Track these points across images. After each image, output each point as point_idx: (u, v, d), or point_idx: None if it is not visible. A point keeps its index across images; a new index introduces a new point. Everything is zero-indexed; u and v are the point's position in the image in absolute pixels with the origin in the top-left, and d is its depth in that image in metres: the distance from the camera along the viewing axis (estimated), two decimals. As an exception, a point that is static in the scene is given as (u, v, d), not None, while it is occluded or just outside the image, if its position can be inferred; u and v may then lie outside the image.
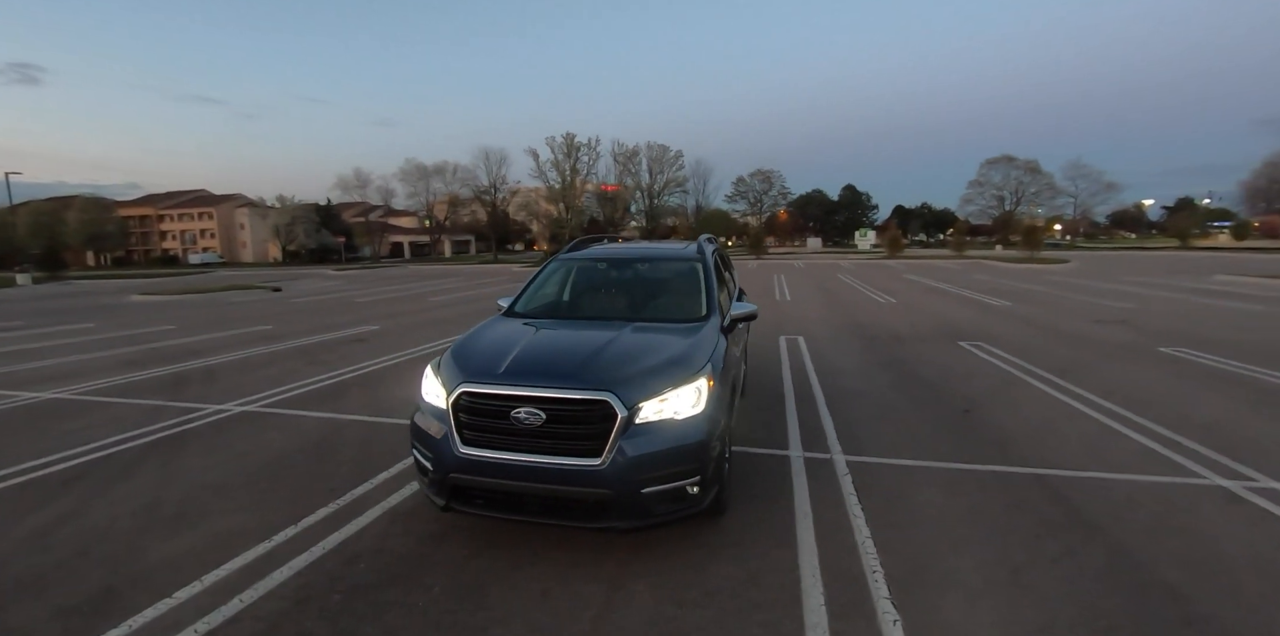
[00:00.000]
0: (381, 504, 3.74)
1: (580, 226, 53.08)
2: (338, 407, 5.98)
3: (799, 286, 20.32)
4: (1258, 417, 5.37)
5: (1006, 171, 65.78)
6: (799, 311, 13.74)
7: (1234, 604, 2.67)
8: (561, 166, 53.08)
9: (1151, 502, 3.70)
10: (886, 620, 2.58)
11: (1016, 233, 64.37)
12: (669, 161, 59.06)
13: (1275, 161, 52.19)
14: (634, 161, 58.38)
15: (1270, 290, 17.17)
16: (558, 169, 53.13)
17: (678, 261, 4.73)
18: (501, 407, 2.92)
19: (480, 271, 36.44)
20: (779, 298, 16.89)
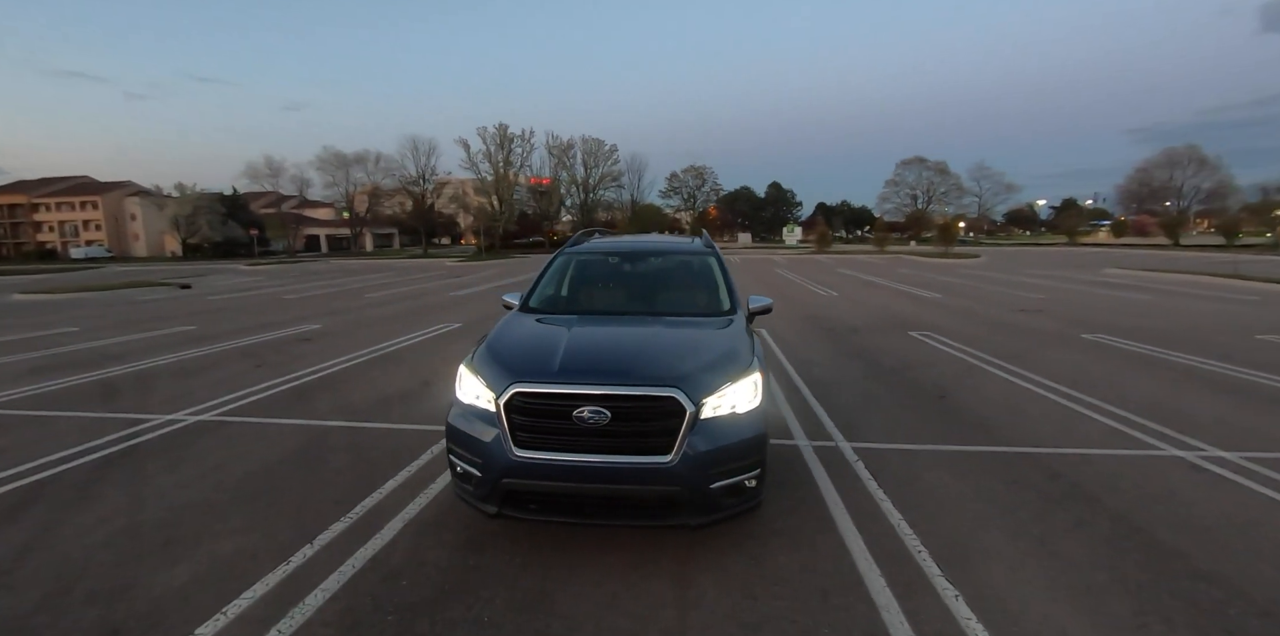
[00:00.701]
0: (401, 514, 3.50)
1: (513, 220, 51.88)
2: (309, 413, 5.54)
3: (743, 281, 20.85)
4: (1183, 394, 6.05)
5: (919, 172, 70.52)
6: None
7: (1228, 560, 3.00)
8: (494, 158, 51.56)
9: (1130, 474, 4.09)
10: (948, 596, 2.71)
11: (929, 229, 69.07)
12: (604, 155, 58.79)
13: (1145, 167, 58.93)
14: (568, 155, 57.65)
15: (1154, 281, 19.38)
16: (490, 160, 51.58)
17: (690, 255, 4.72)
18: (562, 407, 2.80)
19: (412, 266, 34.84)
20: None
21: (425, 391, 6.28)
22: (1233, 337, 9.17)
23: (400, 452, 4.49)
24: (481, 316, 12.15)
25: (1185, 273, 21.30)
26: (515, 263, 36.36)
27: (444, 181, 53.99)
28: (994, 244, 64.05)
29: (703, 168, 79.27)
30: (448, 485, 3.89)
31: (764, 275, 23.62)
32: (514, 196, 54.12)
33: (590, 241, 5.04)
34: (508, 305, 4.44)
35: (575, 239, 5.15)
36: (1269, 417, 5.29)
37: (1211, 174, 54.84)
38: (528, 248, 54.85)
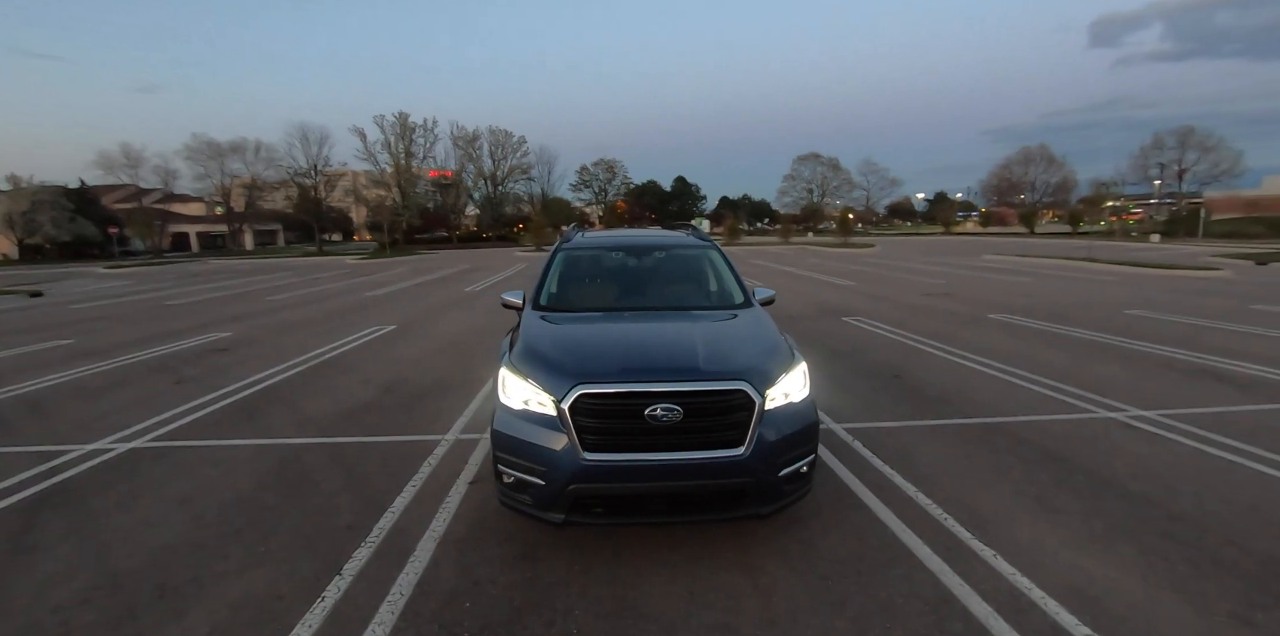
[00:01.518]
0: (428, 533, 3.27)
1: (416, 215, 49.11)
2: (267, 431, 4.99)
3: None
4: (1090, 364, 6.95)
5: (814, 167, 74.83)
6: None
7: (1187, 501, 3.52)
8: (394, 149, 48.27)
9: (1080, 435, 4.65)
10: (986, 555, 2.97)
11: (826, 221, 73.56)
12: (512, 147, 56.88)
13: (1006, 164, 66.36)
14: (475, 146, 55.22)
15: (1028, 266, 21.93)
16: (390, 151, 48.25)
17: (693, 248, 4.74)
18: (633, 407, 2.73)
19: (308, 265, 32.07)
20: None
21: (390, 400, 5.86)
22: (1108, 313, 10.62)
23: (395, 467, 4.18)
24: (415, 317, 11.47)
25: (1050, 257, 24.32)
26: (423, 260, 34.51)
27: (337, 173, 49.68)
28: (880, 234, 69.47)
29: (613, 161, 79.22)
30: (465, 498, 3.69)
31: (687, 267, 24.12)
32: (417, 189, 51.12)
33: (585, 237, 4.91)
34: (510, 304, 4.24)
35: (567, 235, 4.99)
36: (1164, 380, 6.21)
37: (1058, 170, 62.95)
38: (433, 243, 52.22)
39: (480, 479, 3.96)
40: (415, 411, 5.48)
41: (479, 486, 3.86)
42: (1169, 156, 51.27)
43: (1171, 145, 50.96)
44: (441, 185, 55.28)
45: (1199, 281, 16.25)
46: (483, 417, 5.23)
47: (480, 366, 7.14)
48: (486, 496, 3.70)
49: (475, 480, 3.95)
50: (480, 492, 3.76)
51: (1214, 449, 4.30)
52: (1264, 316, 9.98)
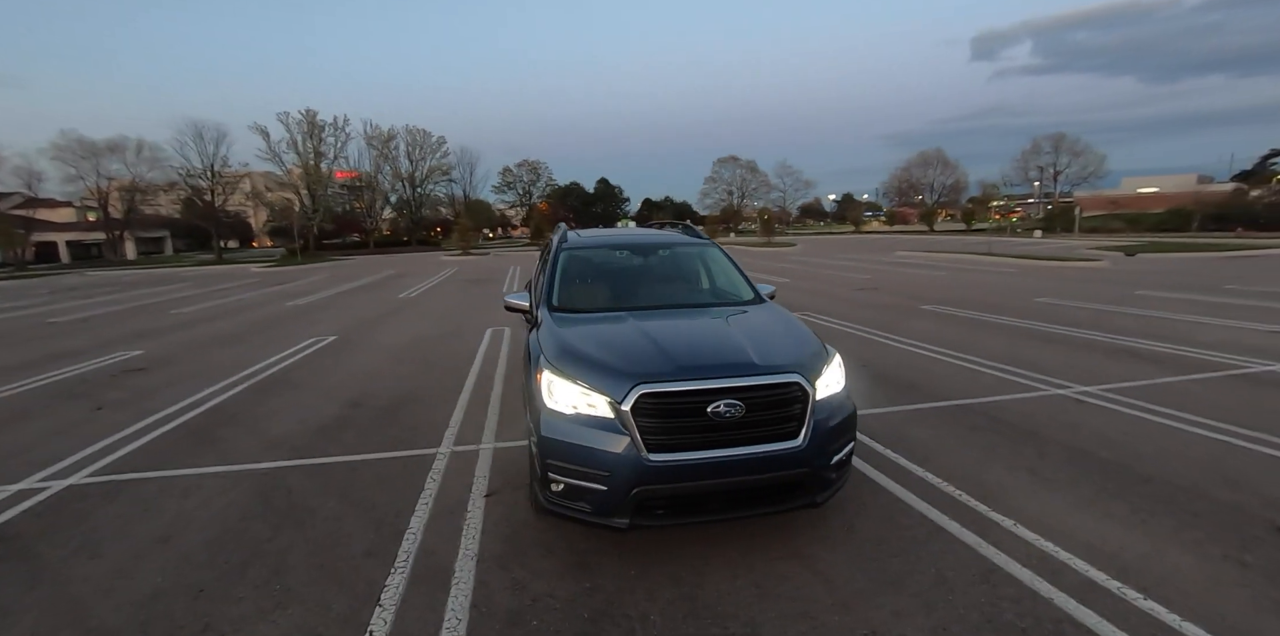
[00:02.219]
0: (462, 552, 3.09)
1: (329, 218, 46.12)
2: (231, 457, 4.52)
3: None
4: (1025, 347, 7.62)
5: (733, 169, 77.28)
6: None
7: (1151, 463, 3.95)
8: (302, 148, 44.93)
9: (1042, 411, 5.10)
10: (1008, 524, 3.20)
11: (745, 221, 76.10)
12: (431, 147, 54.56)
13: (906, 167, 71.70)
14: (390, 146, 52.50)
15: (939, 261, 23.70)
16: (297, 151, 44.87)
17: (694, 246, 4.78)
18: (696, 404, 2.72)
19: (208, 275, 29.24)
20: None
21: (362, 415, 5.47)
22: (1023, 301, 11.69)
23: (396, 487, 3.91)
24: (355, 327, 10.77)
25: (954, 252, 26.44)
26: (339, 266, 32.44)
27: (236, 175, 45.42)
28: (797, 233, 72.83)
29: (537, 162, 77.90)
30: (487, 513, 3.52)
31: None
32: (328, 191, 47.93)
33: (583, 237, 4.80)
34: (515, 306, 4.08)
35: (562, 235, 4.86)
36: (1091, 359, 6.92)
37: (953, 172, 68.75)
38: (346, 249, 49.16)
39: (496, 491, 3.79)
40: (395, 426, 5.15)
41: (497, 499, 3.69)
42: (1045, 160, 57.41)
43: (1047, 150, 57.09)
44: (354, 187, 52.19)
45: (1085, 271, 18.24)
46: (474, 430, 5.01)
47: (448, 376, 6.82)
48: (510, 509, 3.55)
49: (490, 493, 3.77)
50: (501, 505, 3.60)
51: (1154, 416, 4.85)
52: (1149, 300, 11.36)
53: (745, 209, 78.81)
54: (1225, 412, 4.87)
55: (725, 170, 77.42)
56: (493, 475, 4.04)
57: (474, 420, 5.23)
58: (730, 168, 77.14)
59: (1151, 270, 17.43)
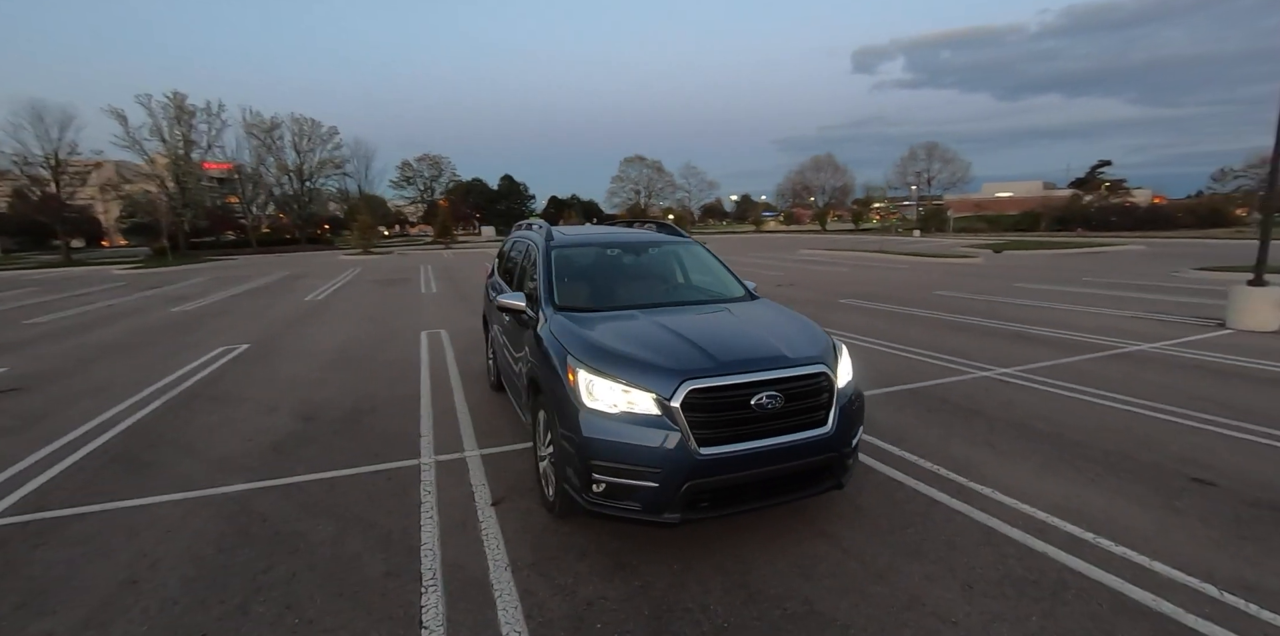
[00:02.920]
0: (492, 563, 2.97)
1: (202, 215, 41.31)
2: (181, 482, 3.99)
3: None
4: (942, 335, 8.46)
5: (640, 169, 78.42)
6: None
7: (1081, 431, 4.56)
8: (168, 135, 39.65)
9: (977, 392, 5.71)
10: (987, 492, 3.59)
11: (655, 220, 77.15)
12: (321, 138, 50.24)
13: (800, 170, 76.31)
14: (274, 136, 47.80)
15: (839, 258, 25.49)
16: (162, 138, 39.56)
17: (679, 244, 4.85)
18: (742, 397, 2.80)
19: (61, 279, 25.15)
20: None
21: (318, 428, 5.04)
22: (925, 294, 12.90)
23: (388, 503, 3.67)
24: (268, 334, 9.81)
25: (853, 250, 28.55)
26: (221, 268, 29.22)
27: (84, 164, 39.10)
28: (701, 232, 75.31)
29: (439, 157, 74.27)
30: (502, 521, 3.40)
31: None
32: (201, 183, 42.82)
33: (568, 236, 4.69)
34: (511, 306, 3.94)
35: (548, 233, 4.72)
36: (998, 344, 7.81)
37: (841, 176, 73.99)
38: (223, 248, 44.25)
39: (502, 499, 3.67)
40: (361, 438, 4.80)
41: (507, 507, 3.57)
42: (921, 166, 63.41)
43: (922, 157, 63.11)
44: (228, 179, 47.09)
45: (966, 266, 20.42)
46: (450, 437, 4.79)
47: (399, 384, 6.44)
48: (524, 515, 3.45)
49: (497, 501, 3.64)
50: (513, 513, 3.49)
51: (1065, 392, 5.60)
52: (1027, 292, 12.95)
53: (651, 208, 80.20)
54: (1118, 386, 5.72)
55: (632, 169, 78.39)
56: (491, 483, 3.90)
57: (447, 428, 4.99)
58: (637, 167, 78.22)
59: (1019, 265, 19.84)
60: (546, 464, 3.41)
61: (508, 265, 5.48)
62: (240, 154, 46.84)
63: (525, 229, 5.58)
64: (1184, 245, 28.00)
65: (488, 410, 5.44)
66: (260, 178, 47.41)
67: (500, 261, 5.85)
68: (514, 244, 5.59)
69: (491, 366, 5.98)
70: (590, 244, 4.62)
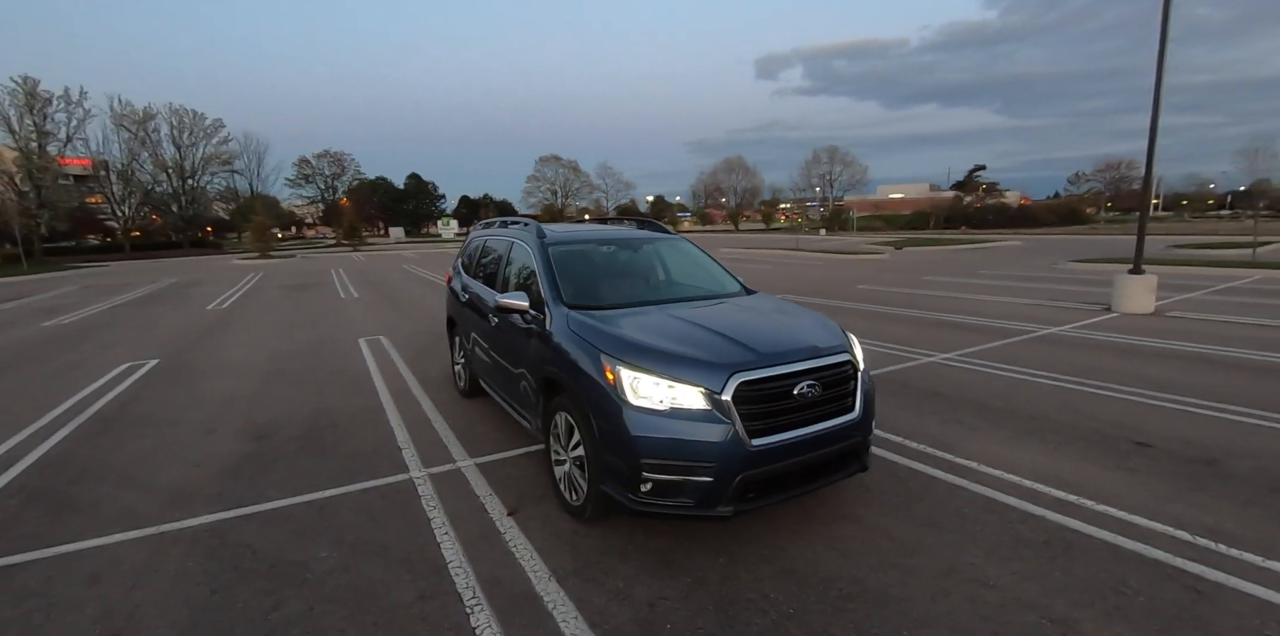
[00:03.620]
0: (532, 575, 2.85)
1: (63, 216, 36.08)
2: (133, 519, 3.48)
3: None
4: (881, 326, 9.06)
5: (556, 169, 77.56)
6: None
7: (1031, 407, 5.05)
8: (17, 126, 34.07)
9: (931, 375, 6.17)
10: (974, 466, 3.90)
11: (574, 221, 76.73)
12: (205, 132, 45.28)
13: (713, 171, 78.71)
14: (149, 129, 42.42)
15: (760, 256, 26.54)
16: (9, 129, 33.93)
17: (669, 241, 4.86)
18: (786, 388, 2.87)
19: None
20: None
21: (277, 447, 4.58)
22: (849, 288, 13.74)
23: (393, 520, 3.42)
24: (176, 347, 8.76)
25: (771, 249, 29.84)
26: (95, 274, 25.64)
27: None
28: (622, 232, 75.77)
29: (341, 154, 69.18)
30: (524, 530, 3.27)
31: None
32: (59, 181, 37.31)
33: (560, 233, 4.55)
34: (512, 306, 3.78)
35: (539, 230, 4.53)
36: (932, 332, 8.47)
37: (751, 178, 77.06)
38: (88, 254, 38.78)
39: (518, 508, 3.51)
40: (332, 456, 4.42)
41: (526, 515, 3.43)
42: (823, 169, 67.38)
43: (825, 160, 67.06)
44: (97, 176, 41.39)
45: (875, 262, 21.94)
46: (435, 448, 4.53)
47: (354, 395, 6.00)
48: (547, 522, 3.34)
49: (512, 511, 3.48)
50: (534, 520, 3.36)
51: (1004, 372, 6.18)
52: (937, 284, 14.12)
53: (568, 208, 79.63)
54: (1044, 365, 6.39)
55: (548, 169, 77.43)
56: (499, 492, 3.73)
57: (426, 439, 4.71)
58: (553, 167, 77.35)
59: (921, 260, 21.59)
60: (569, 467, 3.31)
61: (483, 265, 5.25)
62: (109, 148, 41.38)
63: (501, 227, 5.38)
64: (1052, 241, 31.61)
65: (464, 417, 5.19)
66: (132, 175, 41.97)
67: (471, 262, 5.59)
68: (487, 243, 5.37)
69: (461, 372, 5.71)
70: (585, 241, 4.52)
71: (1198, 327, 8.18)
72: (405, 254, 35.83)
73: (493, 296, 4.45)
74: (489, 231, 5.57)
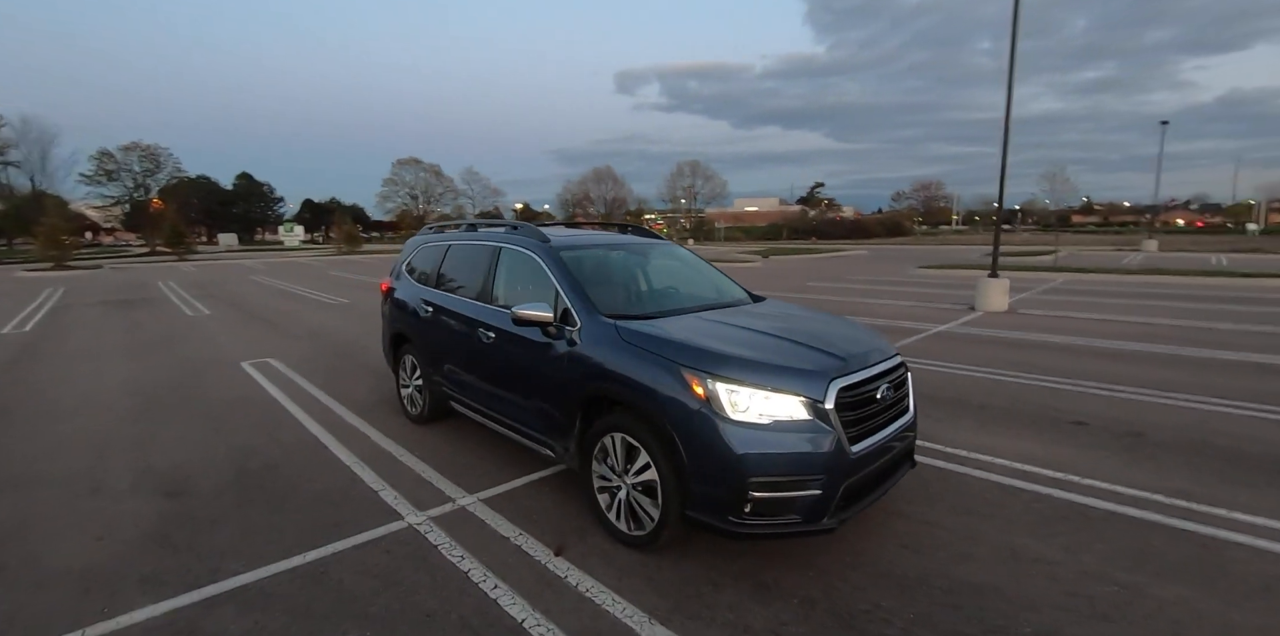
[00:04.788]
0: (625, 618, 2.53)
1: None
2: (24, 631, 2.53)
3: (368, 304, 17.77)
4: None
5: (416, 172, 72.79)
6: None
7: (978, 397, 5.63)
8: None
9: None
10: (966, 454, 4.23)
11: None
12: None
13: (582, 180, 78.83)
14: None
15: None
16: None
17: (667, 245, 4.74)
18: (871, 391, 2.87)
19: None
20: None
21: (206, 503, 3.66)
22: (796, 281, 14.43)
23: (417, 579, 2.87)
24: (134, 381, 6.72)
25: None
26: None
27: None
28: (491, 240, 73.17)
29: (156, 147, 58.06)
30: (580, 569, 2.92)
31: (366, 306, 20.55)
32: None
33: (564, 238, 4.15)
34: (535, 318, 3.38)
35: (542, 234, 4.08)
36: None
37: (620, 188, 78.42)
38: None
39: (564, 546, 3.13)
40: (289, 506, 3.63)
41: (577, 554, 3.06)
42: (687, 181, 70.71)
43: (688, 173, 70.44)
44: None
45: (753, 269, 23.43)
46: (418, 486, 3.93)
47: (274, 430, 5.06)
48: (607, 557, 3.02)
49: (559, 550, 3.09)
50: (589, 559, 3.02)
51: (932, 367, 6.85)
52: (821, 289, 15.35)
53: (430, 214, 75.23)
54: (954, 358, 7.19)
55: (407, 172, 72.56)
56: (528, 529, 3.30)
57: (402, 475, 4.06)
58: (412, 170, 72.61)
59: (792, 269, 23.48)
60: (625, 493, 3.02)
61: (453, 275, 4.68)
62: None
63: (470, 229, 4.85)
64: (890, 250, 36.10)
65: (433, 447, 4.56)
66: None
67: (430, 271, 4.95)
68: (453, 249, 4.80)
69: (417, 396, 5.03)
70: (594, 246, 4.21)
71: (1051, 322, 9.77)
72: (247, 264, 31.31)
73: (486, 310, 4.00)
74: (450, 235, 5.00)
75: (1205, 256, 25.44)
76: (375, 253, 41.11)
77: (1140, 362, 6.93)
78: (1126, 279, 16.84)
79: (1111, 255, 27.65)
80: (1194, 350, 7.55)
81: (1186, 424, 4.80)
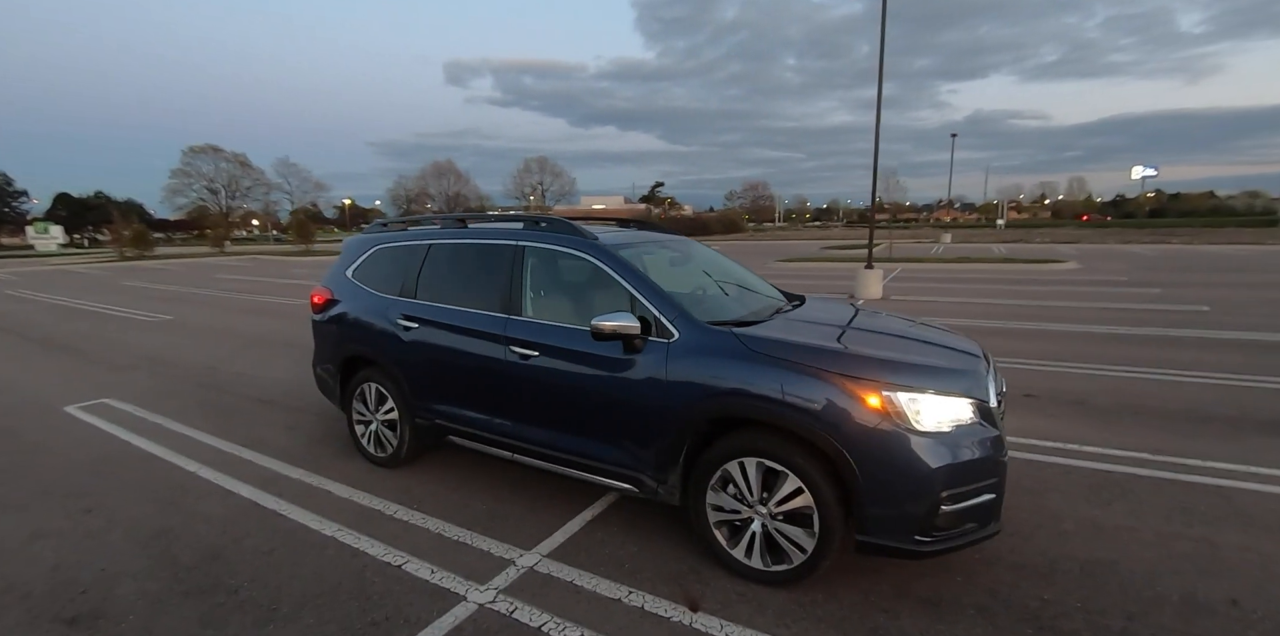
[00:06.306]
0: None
1: None
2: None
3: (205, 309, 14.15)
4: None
5: (216, 162, 61.59)
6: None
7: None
8: None
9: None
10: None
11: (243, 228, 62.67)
12: None
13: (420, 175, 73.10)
14: None
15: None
16: None
17: (691, 243, 4.41)
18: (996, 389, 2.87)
19: None
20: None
21: (137, 625, 2.56)
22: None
23: None
24: None
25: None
26: None
27: None
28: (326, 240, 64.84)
29: None
30: (742, 619, 2.53)
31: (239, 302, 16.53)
32: None
33: (608, 234, 3.59)
34: (622, 330, 2.84)
35: (587, 232, 3.43)
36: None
37: (463, 183, 74.10)
38: None
39: (698, 597, 2.68)
40: (287, 617, 2.68)
41: (715, 605, 2.65)
42: (535, 178, 69.19)
43: (535, 170, 68.90)
44: None
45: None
46: (456, 552, 3.21)
47: (180, 494, 3.88)
48: (750, 606, 2.67)
49: (695, 604, 2.66)
50: (733, 608, 2.64)
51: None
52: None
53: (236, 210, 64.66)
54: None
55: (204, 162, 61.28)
56: (636, 585, 2.79)
57: (420, 540, 3.25)
58: (211, 160, 61.51)
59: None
60: (761, 525, 2.69)
61: (448, 281, 3.86)
62: None
63: (458, 224, 4.04)
64: (737, 246, 38.66)
65: (429, 495, 3.75)
66: None
67: (407, 277, 4.04)
68: (434, 251, 3.96)
69: (387, 433, 4.10)
70: (643, 243, 3.72)
71: (923, 307, 11.06)
72: (23, 270, 24.01)
73: (515, 323, 3.35)
74: (421, 233, 4.16)
75: (988, 246, 31.02)
76: (174, 257, 34.07)
77: (1028, 338, 8.08)
78: (951, 267, 19.74)
79: (922, 246, 32.53)
80: (1052, 324, 9.02)
81: (1111, 389, 5.62)
